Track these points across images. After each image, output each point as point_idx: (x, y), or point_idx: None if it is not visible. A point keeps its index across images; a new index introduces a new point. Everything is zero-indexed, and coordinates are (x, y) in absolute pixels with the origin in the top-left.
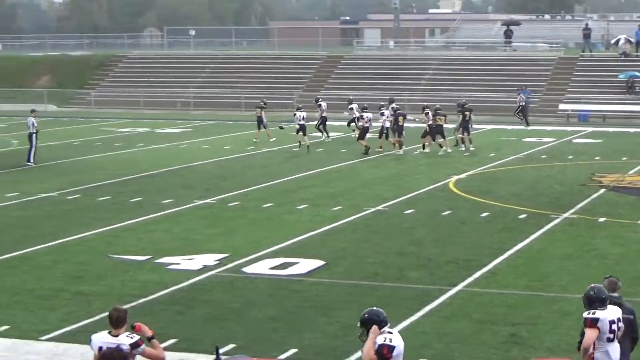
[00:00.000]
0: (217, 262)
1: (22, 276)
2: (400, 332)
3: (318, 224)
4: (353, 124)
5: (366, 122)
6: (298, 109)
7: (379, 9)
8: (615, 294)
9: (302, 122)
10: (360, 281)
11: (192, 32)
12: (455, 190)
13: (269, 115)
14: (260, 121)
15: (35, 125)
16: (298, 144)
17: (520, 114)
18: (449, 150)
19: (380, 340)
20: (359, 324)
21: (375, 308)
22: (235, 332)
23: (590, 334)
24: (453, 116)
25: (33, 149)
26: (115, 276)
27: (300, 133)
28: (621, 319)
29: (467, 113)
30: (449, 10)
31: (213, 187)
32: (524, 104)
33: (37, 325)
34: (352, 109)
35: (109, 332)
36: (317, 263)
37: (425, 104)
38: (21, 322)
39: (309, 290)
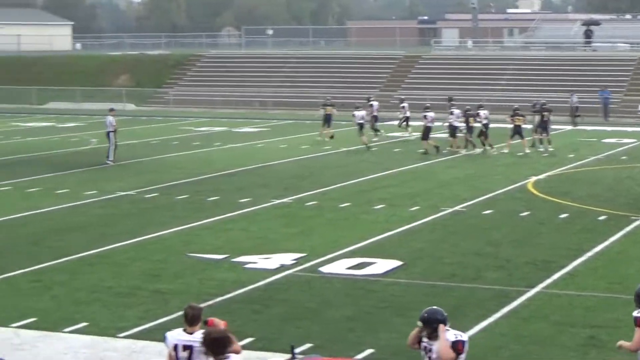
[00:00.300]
0: (294, 261)
1: (101, 274)
2: (477, 333)
3: (395, 224)
4: (404, 123)
5: (429, 121)
6: (356, 108)
7: (457, 8)
8: None
9: (361, 122)
10: (437, 282)
11: (270, 32)
12: (533, 191)
13: (344, 115)
14: (328, 119)
15: (114, 124)
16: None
17: (575, 115)
18: (528, 151)
19: (451, 337)
20: (420, 324)
21: (434, 307)
22: (312, 331)
23: (638, 333)
24: (529, 117)
25: (112, 147)
26: (192, 275)
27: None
28: None
29: (545, 113)
30: (528, 10)
31: (290, 187)
32: (576, 105)
33: (115, 322)
34: (403, 107)
35: (184, 330)
36: (394, 263)
37: (479, 104)
38: (99, 320)
39: (385, 290)
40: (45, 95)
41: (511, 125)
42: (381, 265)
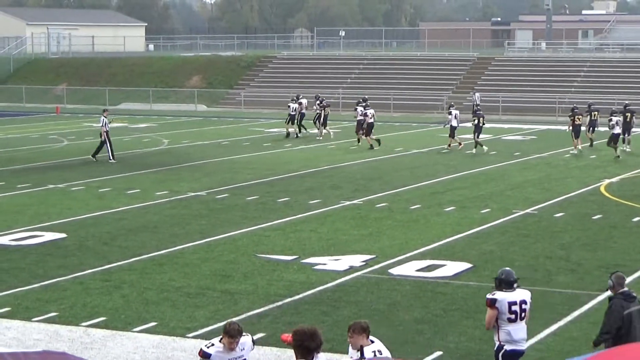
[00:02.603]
0: (364, 263)
1: (171, 274)
2: (547, 337)
3: (466, 227)
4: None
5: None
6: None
7: (531, 10)
8: (626, 289)
9: (368, 120)
10: (607, 294)
11: (342, 33)
12: (606, 194)
13: (413, 117)
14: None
15: (109, 124)
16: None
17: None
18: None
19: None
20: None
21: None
22: (381, 333)
23: (489, 313)
24: (595, 119)
25: (110, 147)
26: (261, 275)
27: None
28: (527, 301)
29: (628, 114)
30: (603, 11)
31: (361, 188)
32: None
33: (184, 322)
34: (450, 113)
35: (221, 341)
36: (464, 266)
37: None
38: (169, 319)
39: (455, 293)
40: (118, 96)
41: (570, 127)
42: (451, 268)
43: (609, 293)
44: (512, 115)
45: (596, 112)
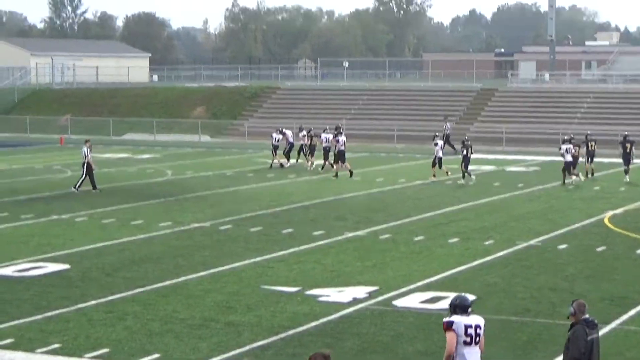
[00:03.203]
0: (367, 294)
1: (174, 305)
2: None
3: (469, 258)
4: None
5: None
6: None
7: (535, 41)
8: (587, 316)
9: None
10: (511, 317)
11: (346, 64)
12: (610, 225)
13: (418, 149)
14: (312, 149)
15: (87, 154)
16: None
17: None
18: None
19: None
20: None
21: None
22: None
23: (449, 336)
24: (605, 150)
25: (83, 178)
26: (265, 307)
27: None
28: (481, 326)
29: (628, 145)
30: (606, 43)
31: (364, 220)
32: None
33: (187, 354)
34: (436, 144)
35: None
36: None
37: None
38: (172, 351)
39: None
40: (122, 126)
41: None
42: None
43: (570, 320)
44: (515, 146)
45: (593, 143)
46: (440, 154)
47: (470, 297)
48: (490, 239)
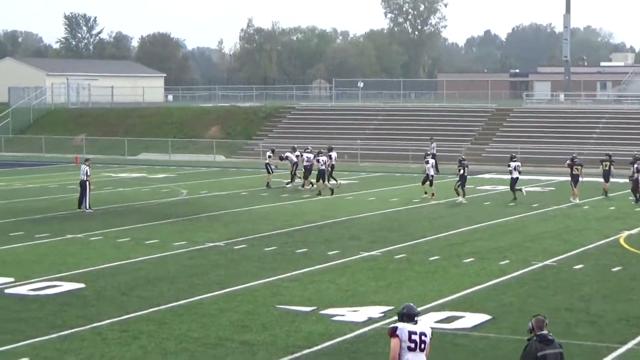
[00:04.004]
0: (382, 314)
1: (189, 324)
2: None
3: (484, 278)
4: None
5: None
6: (319, 153)
7: (550, 61)
8: (545, 332)
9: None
10: (526, 336)
11: (360, 84)
12: (626, 245)
13: (439, 168)
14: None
15: (89, 174)
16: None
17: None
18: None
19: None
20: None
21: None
22: None
23: (393, 342)
24: (621, 170)
25: (87, 196)
26: (280, 326)
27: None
28: (426, 334)
29: (637, 166)
30: (621, 63)
31: (379, 239)
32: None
33: None
34: (427, 162)
35: None
36: (483, 317)
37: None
38: None
39: (474, 344)
40: (137, 146)
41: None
42: (470, 319)
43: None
44: (530, 166)
45: (608, 162)
46: (431, 172)
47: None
48: (506, 259)
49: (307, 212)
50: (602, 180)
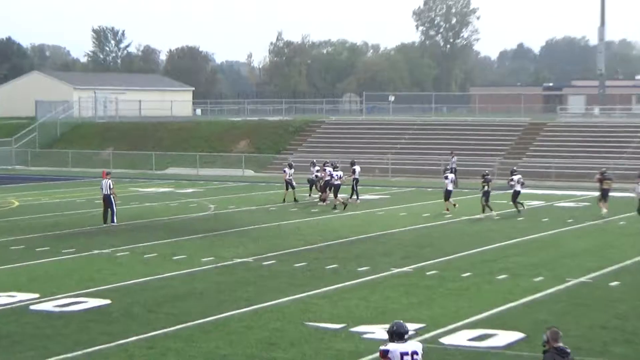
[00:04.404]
0: (414, 332)
1: (216, 341)
2: None
3: (518, 295)
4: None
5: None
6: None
7: (584, 75)
8: (561, 344)
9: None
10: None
11: (392, 98)
12: None
13: (472, 183)
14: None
15: (112, 187)
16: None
17: None
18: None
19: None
20: None
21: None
22: None
23: None
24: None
25: (114, 210)
26: (309, 344)
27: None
28: (418, 352)
29: None
30: None
31: (411, 255)
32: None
33: None
34: (446, 177)
35: None
36: (517, 335)
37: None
38: None
39: None
40: (164, 160)
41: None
42: (503, 338)
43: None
44: (564, 181)
45: None
46: (450, 187)
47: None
48: (540, 275)
49: (337, 227)
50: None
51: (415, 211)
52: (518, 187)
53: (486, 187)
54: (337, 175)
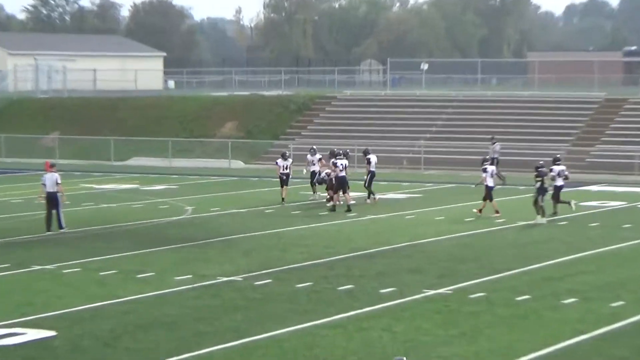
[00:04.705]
0: None
1: None
2: None
3: (591, 325)
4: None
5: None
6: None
7: None
8: None
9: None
10: None
11: (424, 66)
12: None
13: (531, 177)
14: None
15: (59, 182)
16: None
17: None
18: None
19: None
20: None
21: None
22: None
23: None
24: None
25: (60, 212)
26: None
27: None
28: None
29: None
30: None
31: (449, 272)
32: None
33: None
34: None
35: None
36: None
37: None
38: None
39: None
40: (127, 148)
41: None
42: None
43: None
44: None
45: None
46: (490, 183)
47: None
48: (619, 299)
49: (353, 236)
50: None
51: (454, 214)
52: (560, 181)
53: (539, 183)
54: (341, 165)
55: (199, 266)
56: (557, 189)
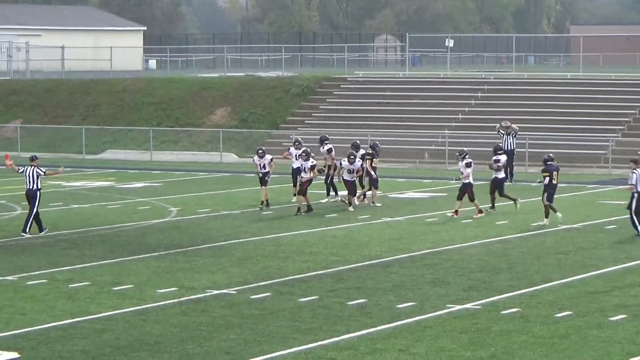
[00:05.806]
0: None
1: None
2: None
3: None
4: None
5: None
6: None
7: None
8: None
9: None
10: None
11: (450, 43)
12: None
13: (574, 173)
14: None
15: (42, 172)
16: None
17: None
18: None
19: None
20: None
21: None
22: None
23: None
24: None
25: (32, 213)
26: None
27: None
28: None
29: None
30: None
31: (478, 285)
32: None
33: None
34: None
35: None
36: None
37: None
38: None
39: None
40: (100, 139)
41: None
42: None
43: None
44: None
45: None
46: (501, 175)
47: None
48: None
49: (366, 242)
50: None
51: (484, 217)
52: (502, 173)
53: (547, 180)
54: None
55: (186, 277)
56: (500, 181)
